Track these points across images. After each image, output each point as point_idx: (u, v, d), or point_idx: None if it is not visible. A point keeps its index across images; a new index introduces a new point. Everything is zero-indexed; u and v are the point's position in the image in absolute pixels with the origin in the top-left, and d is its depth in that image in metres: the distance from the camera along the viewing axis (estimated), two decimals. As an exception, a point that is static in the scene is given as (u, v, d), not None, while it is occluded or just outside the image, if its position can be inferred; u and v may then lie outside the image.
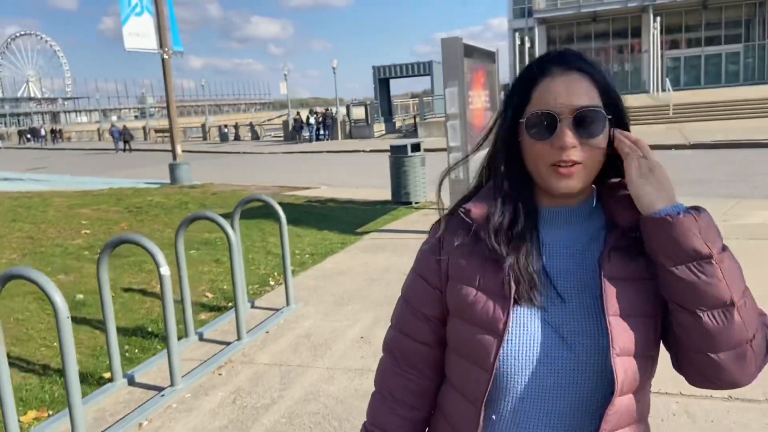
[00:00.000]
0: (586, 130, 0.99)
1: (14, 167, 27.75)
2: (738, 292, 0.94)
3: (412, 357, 1.18)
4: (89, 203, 10.71)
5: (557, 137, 0.98)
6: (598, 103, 1.00)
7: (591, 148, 0.99)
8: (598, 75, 1.02)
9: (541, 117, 1.00)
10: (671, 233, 0.94)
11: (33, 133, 56.53)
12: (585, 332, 1.00)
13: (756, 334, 0.96)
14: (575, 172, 0.99)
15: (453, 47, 7.24)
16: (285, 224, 5.04)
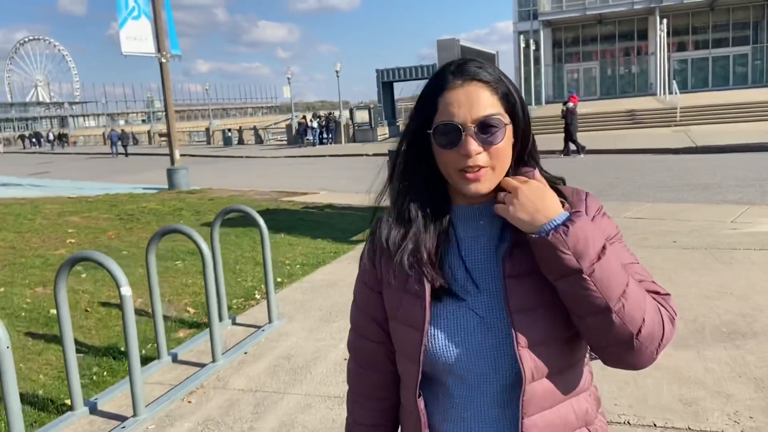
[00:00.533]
0: (488, 137, 1.05)
1: (17, 172, 27.66)
2: (613, 299, 1.00)
3: (369, 355, 1.27)
4: (80, 210, 10.48)
5: (462, 146, 1.05)
6: (497, 111, 1.07)
7: (496, 153, 1.06)
8: (497, 83, 1.08)
9: (447, 127, 1.06)
10: (541, 252, 1.02)
11: (37, 138, 56.57)
12: (501, 321, 1.08)
13: (642, 327, 1.01)
14: (482, 175, 1.06)
15: (449, 49, 6.97)
16: (267, 237, 4.76)
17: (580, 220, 1.02)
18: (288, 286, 6.01)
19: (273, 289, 4.83)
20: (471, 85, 1.07)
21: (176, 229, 4.14)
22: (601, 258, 1.00)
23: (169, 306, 5.56)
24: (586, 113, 27.24)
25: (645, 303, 1.03)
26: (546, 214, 1.03)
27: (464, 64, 1.10)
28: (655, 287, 1.10)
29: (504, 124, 1.07)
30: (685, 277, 5.45)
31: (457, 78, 1.08)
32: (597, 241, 1.01)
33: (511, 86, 1.11)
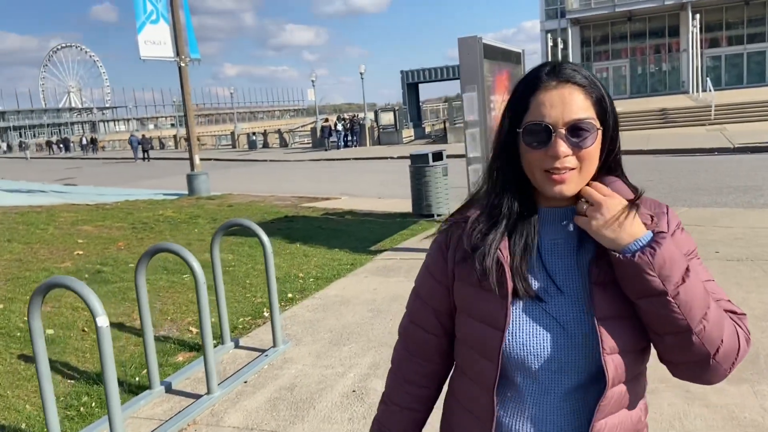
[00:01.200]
0: (578, 141, 1.07)
1: (44, 177, 27.94)
2: (695, 320, 1.02)
3: (421, 345, 1.28)
4: (95, 219, 10.28)
5: (551, 147, 1.06)
6: (590, 115, 1.08)
7: (584, 156, 1.08)
8: (591, 87, 1.09)
9: (537, 127, 1.07)
10: (624, 271, 1.04)
11: (65, 144, 57.47)
12: (580, 325, 1.09)
13: (720, 347, 1.03)
14: (568, 178, 1.08)
15: (471, 48, 6.52)
16: (270, 255, 4.39)
17: (666, 241, 1.02)
18: (299, 303, 5.64)
19: (278, 311, 4.46)
20: (566, 87, 1.08)
21: (166, 248, 3.79)
22: (685, 280, 1.01)
23: (172, 325, 5.24)
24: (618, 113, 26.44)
25: (724, 324, 1.04)
26: (631, 233, 1.04)
27: (560, 66, 1.11)
28: (732, 306, 1.11)
29: (596, 129, 1.08)
30: (730, 294, 4.91)
31: (551, 79, 1.09)
32: (681, 262, 1.02)
33: (605, 91, 1.12)
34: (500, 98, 7.56)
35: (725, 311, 1.08)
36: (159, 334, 5.01)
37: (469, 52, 6.52)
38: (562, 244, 1.14)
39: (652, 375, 1.23)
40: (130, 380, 4.16)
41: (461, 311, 1.19)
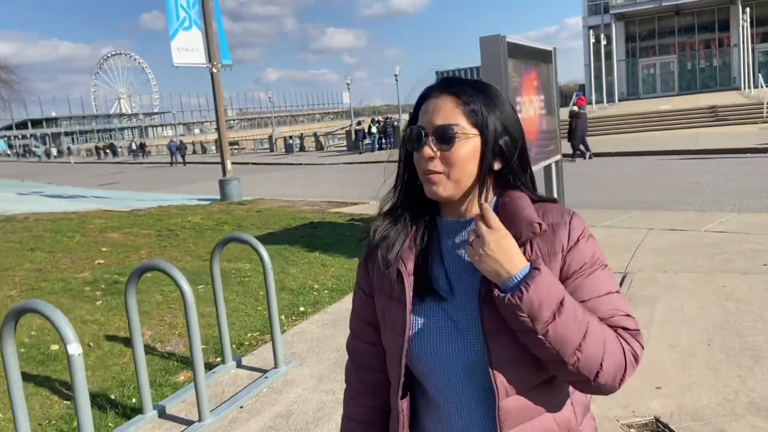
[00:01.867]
0: (441, 145, 1.13)
1: (89, 182, 28.64)
2: (567, 353, 1.04)
3: (363, 356, 1.34)
4: (124, 226, 10.31)
5: (423, 149, 1.14)
6: (456, 122, 1.13)
7: (450, 160, 1.13)
8: (468, 97, 1.15)
9: (413, 131, 1.16)
10: (500, 307, 1.07)
11: (111, 149, 59.13)
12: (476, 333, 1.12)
13: (600, 372, 1.05)
14: (437, 180, 1.13)
15: (494, 47, 6.18)
16: (270, 272, 4.16)
17: (537, 279, 1.04)
18: (309, 318, 5.41)
19: (279, 331, 4.22)
20: (441, 96, 1.16)
21: (154, 266, 3.59)
22: (556, 318, 1.03)
23: (179, 340, 5.07)
24: (663, 111, 25.48)
25: (604, 350, 1.06)
26: (508, 269, 1.06)
27: (448, 79, 1.18)
28: (625, 322, 1.12)
29: (461, 136, 1.12)
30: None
31: (435, 90, 1.18)
32: (553, 300, 1.04)
33: (484, 106, 1.14)
34: (528, 99, 7.18)
35: (616, 328, 1.10)
36: (165, 350, 4.86)
37: (492, 51, 6.18)
38: (459, 254, 1.18)
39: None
40: (126, 402, 3.99)
41: (381, 321, 1.25)
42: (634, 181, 13.21)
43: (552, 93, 8.14)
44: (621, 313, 1.12)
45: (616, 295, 1.14)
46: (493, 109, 1.15)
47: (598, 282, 1.12)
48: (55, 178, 34.21)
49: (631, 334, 1.11)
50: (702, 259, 6.08)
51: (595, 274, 1.13)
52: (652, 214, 9.10)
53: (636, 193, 11.46)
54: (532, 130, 7.36)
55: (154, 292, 6.14)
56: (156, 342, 5.00)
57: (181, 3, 14.59)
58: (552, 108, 8.05)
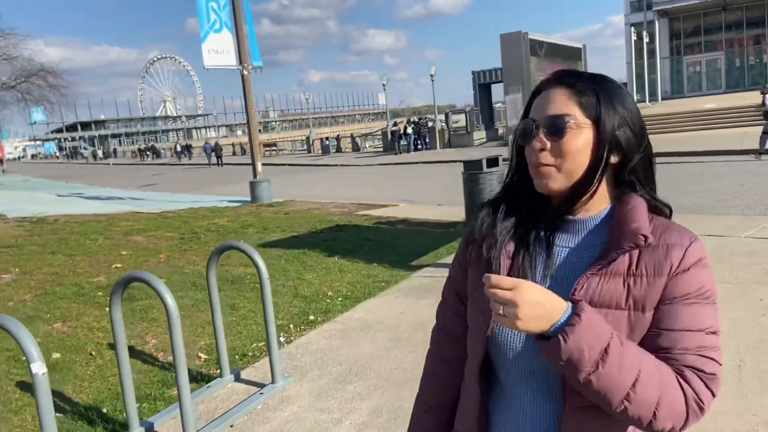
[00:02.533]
0: (552, 136, 1.09)
1: (128, 184, 29.23)
2: (613, 402, 0.99)
3: (447, 323, 1.33)
4: (150, 228, 10.35)
5: (533, 141, 1.11)
6: (569, 112, 1.09)
7: (561, 151, 1.09)
8: (582, 88, 1.11)
9: (525, 124, 1.14)
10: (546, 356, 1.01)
11: (153, 151, 60.56)
12: None
13: (653, 421, 0.99)
14: (546, 173, 1.10)
15: (515, 45, 5.89)
16: (267, 283, 3.97)
17: (577, 328, 0.96)
18: (318, 327, 5.22)
19: (276, 344, 4.04)
20: (554, 88, 1.13)
21: (137, 277, 3.45)
22: (599, 368, 0.97)
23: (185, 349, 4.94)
24: (709, 109, 24.50)
25: (659, 397, 0.99)
26: (551, 316, 0.98)
27: (564, 71, 1.16)
28: (704, 366, 1.02)
29: (574, 125, 1.09)
30: (823, 333, 4.06)
31: (549, 83, 1.14)
32: (596, 348, 0.96)
33: (600, 97, 1.10)
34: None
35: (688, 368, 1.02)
36: (167, 360, 4.74)
37: (513, 49, 5.90)
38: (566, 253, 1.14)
39: None
40: (117, 416, 3.87)
41: (469, 296, 1.24)
42: (673, 183, 12.63)
43: (581, 92, 7.79)
44: (705, 354, 1.03)
45: (712, 336, 1.05)
46: (610, 100, 1.11)
47: (696, 316, 1.04)
48: (97, 179, 35.09)
49: (703, 378, 1.02)
50: (739, 269, 5.66)
51: (695, 307, 1.05)
52: (689, 219, 8.62)
53: (674, 196, 10.87)
54: (559, 131, 7.03)
55: (149, 307, 6.05)
56: (159, 351, 4.89)
57: (212, 5, 14.67)
58: (581, 108, 7.70)
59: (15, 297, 6.20)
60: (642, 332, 1.05)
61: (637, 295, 1.05)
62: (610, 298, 1.05)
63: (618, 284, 1.05)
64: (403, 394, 3.75)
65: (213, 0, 14.60)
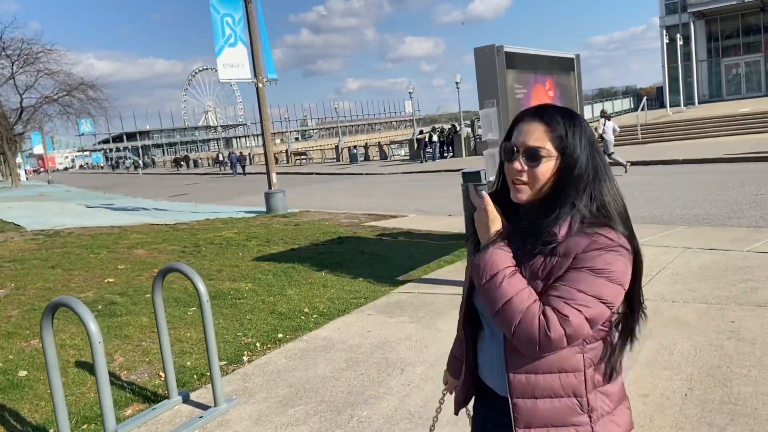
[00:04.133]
0: (529, 162, 1.47)
1: (159, 194, 29.89)
2: (491, 310, 1.44)
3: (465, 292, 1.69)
4: (156, 241, 10.53)
5: (514, 163, 1.49)
6: (543, 146, 1.46)
7: (534, 175, 1.47)
8: (555, 125, 1.47)
9: (508, 147, 1.52)
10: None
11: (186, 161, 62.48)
12: None
13: (513, 333, 1.40)
14: (521, 188, 1.49)
15: (488, 59, 5.78)
16: (206, 304, 3.95)
17: (484, 251, 1.48)
18: (282, 346, 5.19)
19: (217, 367, 4.02)
20: (534, 121, 1.49)
21: (63, 303, 3.47)
22: (484, 283, 1.44)
23: (147, 368, 4.99)
24: (743, 114, 23.67)
25: (516, 319, 1.39)
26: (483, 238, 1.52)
27: (541, 107, 1.54)
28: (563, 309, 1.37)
29: (547, 156, 1.46)
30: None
31: (528, 116, 1.52)
32: (489, 270, 1.44)
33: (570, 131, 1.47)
34: (540, 111, 6.70)
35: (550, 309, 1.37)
36: (128, 379, 4.78)
37: (487, 63, 5.78)
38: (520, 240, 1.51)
39: None
40: (63, 435, 3.91)
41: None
42: (693, 191, 12.21)
43: (575, 103, 7.59)
44: (571, 304, 1.36)
45: (584, 296, 1.37)
46: (573, 134, 1.46)
47: (579, 280, 1.38)
48: (133, 189, 36.00)
49: (559, 318, 1.36)
50: (724, 287, 5.40)
51: (582, 273, 1.38)
52: (697, 230, 8.32)
53: (691, 206, 10.55)
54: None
55: (145, 314, 6.14)
56: (123, 370, 4.94)
57: (226, 20, 14.91)
58: (574, 119, 7.50)
59: (2, 313, 6.37)
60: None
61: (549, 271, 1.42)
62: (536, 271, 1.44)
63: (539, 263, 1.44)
64: (339, 420, 3.69)
65: (228, 15, 14.84)
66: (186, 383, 4.58)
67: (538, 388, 1.45)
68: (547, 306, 1.37)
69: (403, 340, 4.97)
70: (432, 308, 5.74)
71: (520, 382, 1.45)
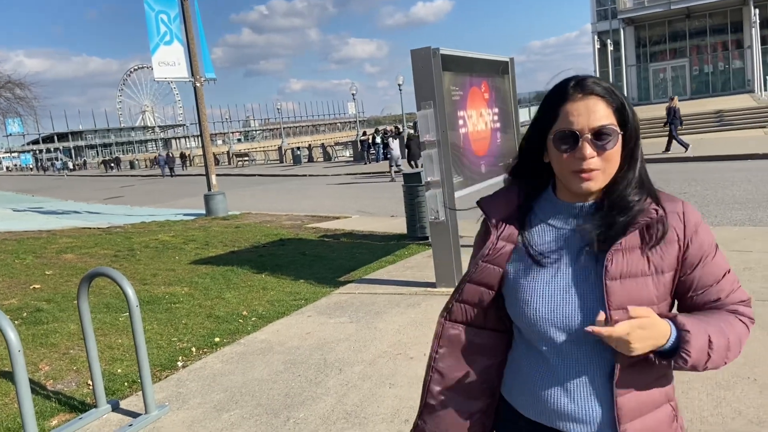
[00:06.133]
0: (602, 144, 1.25)
1: (94, 197, 28.81)
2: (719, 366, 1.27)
3: None
4: (87, 245, 10.14)
5: (579, 151, 1.25)
6: (611, 122, 1.25)
7: (608, 158, 1.25)
8: (611, 97, 1.27)
9: (567, 134, 1.26)
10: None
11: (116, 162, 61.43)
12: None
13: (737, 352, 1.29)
14: (593, 177, 1.26)
15: (425, 61, 5.84)
16: (135, 309, 3.83)
17: (693, 344, 1.19)
18: (220, 349, 5.09)
19: (148, 373, 3.90)
20: (590, 98, 1.25)
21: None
22: (710, 357, 1.22)
23: (75, 377, 4.79)
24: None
25: (740, 348, 1.27)
26: (660, 341, 1.19)
27: (584, 80, 1.27)
28: (740, 295, 1.32)
29: (617, 134, 1.26)
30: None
31: (577, 92, 1.26)
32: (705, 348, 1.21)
33: (625, 100, 1.28)
34: (477, 113, 6.83)
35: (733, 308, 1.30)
36: (55, 388, 4.58)
37: (424, 65, 5.84)
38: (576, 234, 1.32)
39: None
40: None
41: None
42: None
43: (510, 105, 7.77)
44: (737, 288, 1.32)
45: (731, 274, 1.32)
46: (627, 102, 1.29)
47: (717, 266, 1.30)
48: (66, 192, 34.54)
49: (747, 304, 1.32)
50: None
51: (713, 260, 1.30)
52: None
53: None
54: (483, 144, 7.00)
55: (73, 321, 5.90)
56: (49, 379, 4.73)
57: (161, 18, 14.52)
58: (509, 120, 7.68)
59: None
60: (664, 289, 1.27)
61: (656, 262, 1.26)
62: (636, 268, 1.24)
63: (639, 256, 1.25)
64: (275, 423, 3.65)
65: (163, 12, 14.45)
66: (116, 391, 4.43)
67: (645, 405, 1.28)
68: (733, 305, 1.30)
69: (343, 341, 4.96)
70: (372, 308, 5.75)
71: (629, 403, 1.25)
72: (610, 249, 1.24)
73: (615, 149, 1.25)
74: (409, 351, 4.58)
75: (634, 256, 1.25)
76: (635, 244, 1.26)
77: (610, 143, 1.24)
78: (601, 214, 1.29)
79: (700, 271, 1.28)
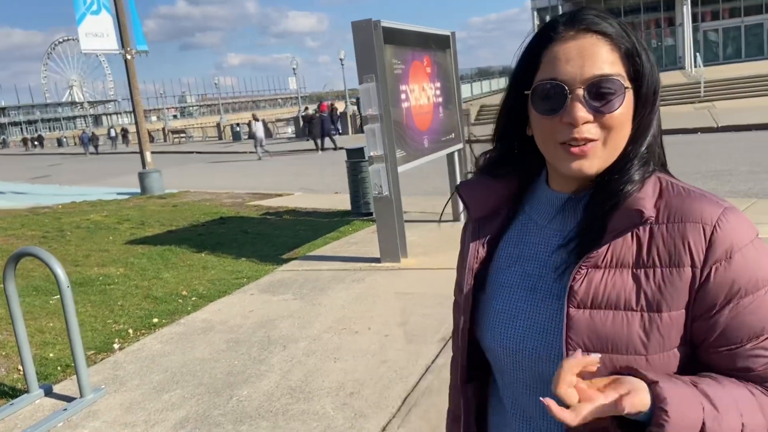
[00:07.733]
0: (601, 104, 0.85)
1: (19, 176, 27.36)
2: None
3: None
4: (12, 226, 9.64)
5: (566, 112, 0.85)
6: (616, 71, 0.85)
7: (610, 123, 0.86)
8: (620, 38, 0.87)
9: (548, 88, 0.86)
10: None
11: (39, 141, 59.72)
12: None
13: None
14: (589, 151, 0.86)
15: (366, 33, 5.75)
16: (66, 290, 3.66)
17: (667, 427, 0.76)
18: (158, 330, 4.94)
19: (82, 356, 3.74)
20: (586, 37, 0.86)
21: None
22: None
23: (3, 362, 4.56)
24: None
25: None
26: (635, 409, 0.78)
27: (580, 12, 0.88)
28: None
29: (623, 89, 0.85)
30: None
31: (569, 28, 0.87)
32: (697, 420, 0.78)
33: (639, 44, 0.88)
34: (419, 87, 6.80)
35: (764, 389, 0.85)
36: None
37: (365, 37, 5.75)
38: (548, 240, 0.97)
39: None
40: None
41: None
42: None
43: (452, 80, 7.77)
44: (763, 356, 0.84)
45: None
46: (642, 46, 0.88)
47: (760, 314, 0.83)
48: (-12, 171, 32.66)
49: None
50: None
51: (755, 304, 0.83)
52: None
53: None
54: (426, 118, 6.99)
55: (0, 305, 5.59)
56: (-27, 366, 4.48)
57: (88, -14, 13.76)
58: (451, 96, 7.69)
59: None
60: (660, 334, 0.84)
61: (650, 293, 0.84)
62: (617, 297, 0.85)
63: (626, 278, 0.85)
64: (218, 401, 3.58)
65: (89, -21, 13.70)
66: (49, 376, 4.25)
67: None
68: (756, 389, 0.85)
69: (286, 318, 4.90)
70: (316, 284, 5.70)
71: None
72: (578, 263, 0.87)
73: (621, 112, 0.85)
74: (354, 325, 4.56)
75: (619, 278, 0.86)
76: (624, 260, 0.86)
77: (614, 102, 0.84)
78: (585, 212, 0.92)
79: (725, 319, 0.84)
